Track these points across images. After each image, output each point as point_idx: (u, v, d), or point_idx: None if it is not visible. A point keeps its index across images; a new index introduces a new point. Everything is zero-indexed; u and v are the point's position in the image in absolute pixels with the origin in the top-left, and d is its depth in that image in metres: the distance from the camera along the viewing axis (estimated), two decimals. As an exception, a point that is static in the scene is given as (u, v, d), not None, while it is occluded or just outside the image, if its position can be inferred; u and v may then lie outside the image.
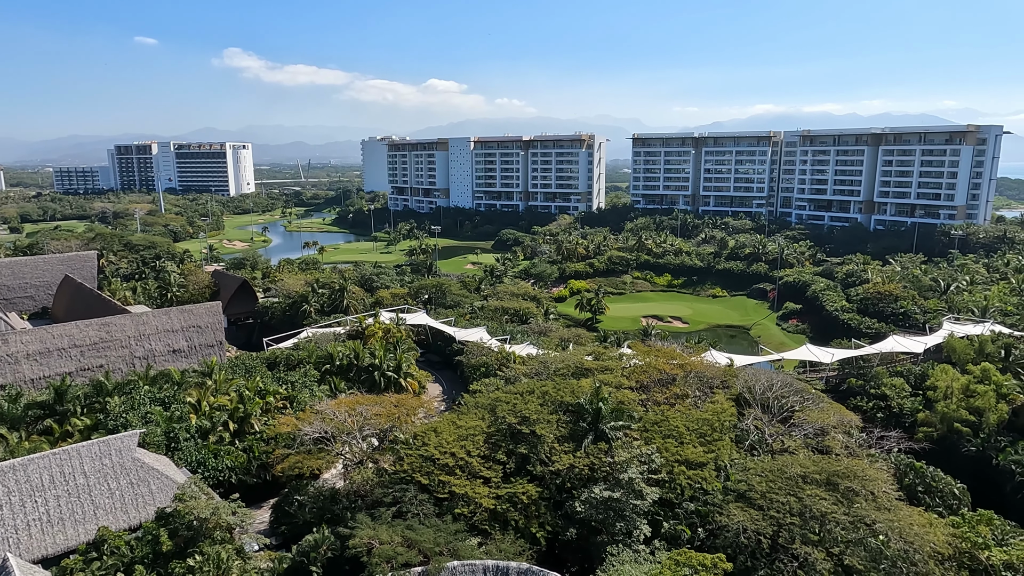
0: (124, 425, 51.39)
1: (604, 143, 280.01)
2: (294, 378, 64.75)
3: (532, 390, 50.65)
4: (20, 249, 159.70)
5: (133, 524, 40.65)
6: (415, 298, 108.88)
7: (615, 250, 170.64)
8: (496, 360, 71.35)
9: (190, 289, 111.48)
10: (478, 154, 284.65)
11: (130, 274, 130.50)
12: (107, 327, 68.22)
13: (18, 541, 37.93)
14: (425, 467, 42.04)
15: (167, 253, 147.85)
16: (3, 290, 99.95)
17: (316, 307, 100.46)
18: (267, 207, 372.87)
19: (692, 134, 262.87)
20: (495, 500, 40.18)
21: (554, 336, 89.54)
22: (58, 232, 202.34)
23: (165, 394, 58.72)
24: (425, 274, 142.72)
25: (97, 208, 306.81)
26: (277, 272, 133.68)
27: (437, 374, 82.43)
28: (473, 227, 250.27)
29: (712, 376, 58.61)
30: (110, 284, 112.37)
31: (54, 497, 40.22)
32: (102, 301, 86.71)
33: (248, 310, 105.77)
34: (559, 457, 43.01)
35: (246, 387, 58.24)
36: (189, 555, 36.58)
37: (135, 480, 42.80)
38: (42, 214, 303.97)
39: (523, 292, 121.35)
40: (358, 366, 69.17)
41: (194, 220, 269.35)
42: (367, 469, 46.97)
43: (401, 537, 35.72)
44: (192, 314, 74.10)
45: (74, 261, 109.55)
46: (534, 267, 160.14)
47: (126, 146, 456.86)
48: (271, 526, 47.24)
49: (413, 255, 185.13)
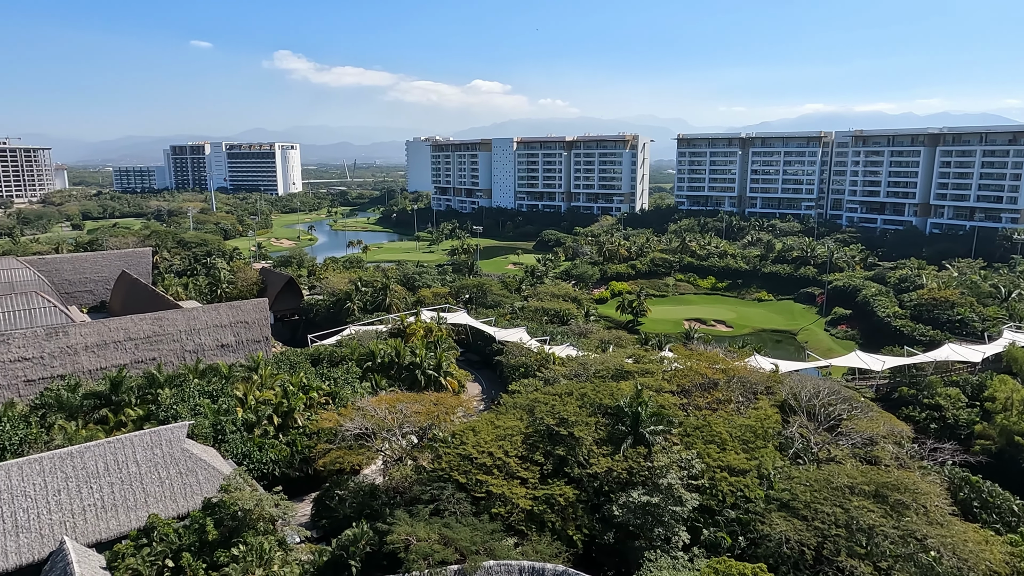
0: (174, 416, 53.09)
1: (648, 143, 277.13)
2: (337, 374, 65.86)
3: (571, 392, 50.38)
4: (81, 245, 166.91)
5: (181, 512, 41.93)
6: (456, 297, 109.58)
7: (658, 252, 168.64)
8: (535, 361, 71.24)
9: (239, 286, 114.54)
10: (520, 155, 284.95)
11: (182, 270, 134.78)
12: (160, 321, 70.58)
13: (74, 525, 39.52)
14: (463, 466, 42.21)
15: (218, 250, 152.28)
16: (65, 284, 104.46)
17: (359, 305, 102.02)
18: (314, 206, 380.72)
19: (739, 134, 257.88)
20: (532, 501, 40.09)
21: (594, 338, 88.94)
22: (116, 229, 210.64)
23: (213, 387, 60.47)
24: (466, 274, 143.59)
25: (153, 206, 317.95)
26: (322, 270, 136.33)
27: (476, 373, 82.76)
28: (515, 227, 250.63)
29: (756, 381, 57.35)
30: (164, 280, 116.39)
31: (108, 484, 41.79)
32: (156, 296, 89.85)
33: (294, 307, 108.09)
34: (597, 460, 42.66)
35: (290, 382, 59.51)
36: (233, 544, 37.56)
37: (184, 470, 44.16)
38: (102, 212, 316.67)
39: (564, 293, 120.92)
40: (399, 364, 69.95)
41: (244, 218, 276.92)
42: (406, 466, 47.46)
43: (438, 535, 35.94)
44: (240, 310, 76.07)
45: (130, 257, 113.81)
46: (575, 268, 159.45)
47: (181, 146, 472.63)
48: (312, 519, 48.15)
49: (455, 255, 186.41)
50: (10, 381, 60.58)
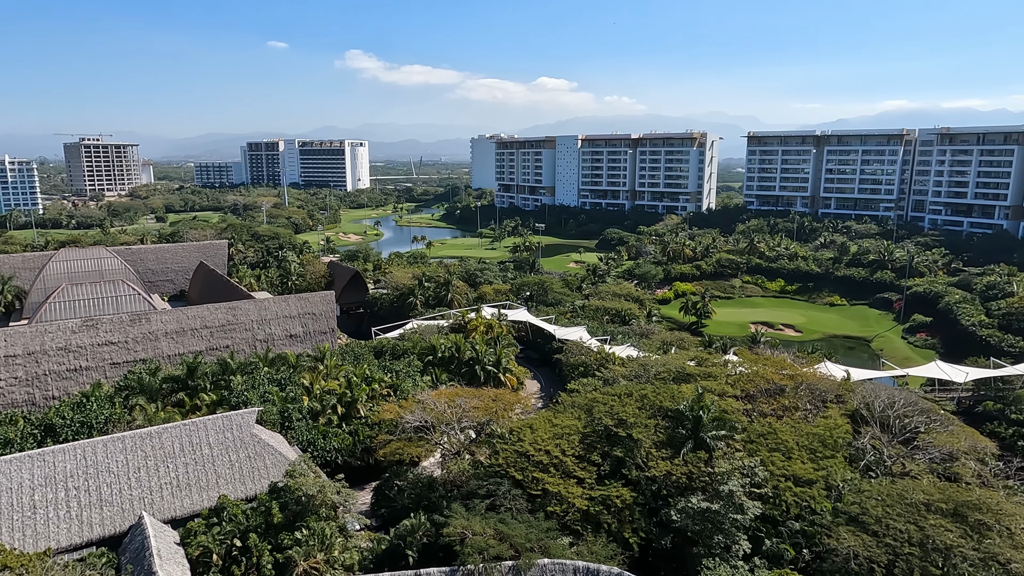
0: (245, 402, 55.33)
1: (716, 141, 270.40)
2: (399, 367, 67.13)
3: (631, 393, 49.72)
4: (164, 237, 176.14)
5: (249, 495, 43.66)
6: (517, 295, 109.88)
7: (724, 252, 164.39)
8: (595, 360, 70.67)
9: (308, 278, 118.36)
10: (585, 152, 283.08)
11: (255, 262, 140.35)
12: (234, 311, 73.67)
13: (152, 501, 41.75)
14: (520, 463, 42.28)
15: (289, 244, 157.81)
16: (148, 274, 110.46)
17: (422, 300, 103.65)
18: (380, 202, 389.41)
19: (814, 132, 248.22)
20: (588, 501, 39.80)
21: (656, 339, 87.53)
22: (196, 222, 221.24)
23: (281, 376, 62.70)
24: (528, 271, 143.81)
25: (229, 201, 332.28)
26: (387, 265, 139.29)
27: (535, 371, 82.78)
28: (577, 225, 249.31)
29: (826, 389, 55.11)
30: (238, 271, 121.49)
31: (183, 464, 43.95)
32: (230, 286, 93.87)
33: (359, 300, 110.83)
34: (656, 463, 41.96)
35: (354, 373, 61.05)
36: (297, 528, 38.85)
37: (252, 454, 45.97)
38: (183, 205, 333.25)
39: (626, 293, 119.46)
40: (459, 359, 70.69)
41: (314, 213, 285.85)
42: (463, 460, 47.93)
43: (493, 530, 36.15)
44: (308, 302, 78.56)
45: (208, 249, 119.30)
46: (638, 267, 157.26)
47: (256, 143, 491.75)
48: (372, 508, 49.27)
49: (517, 252, 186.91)
50: (97, 363, 64.48)
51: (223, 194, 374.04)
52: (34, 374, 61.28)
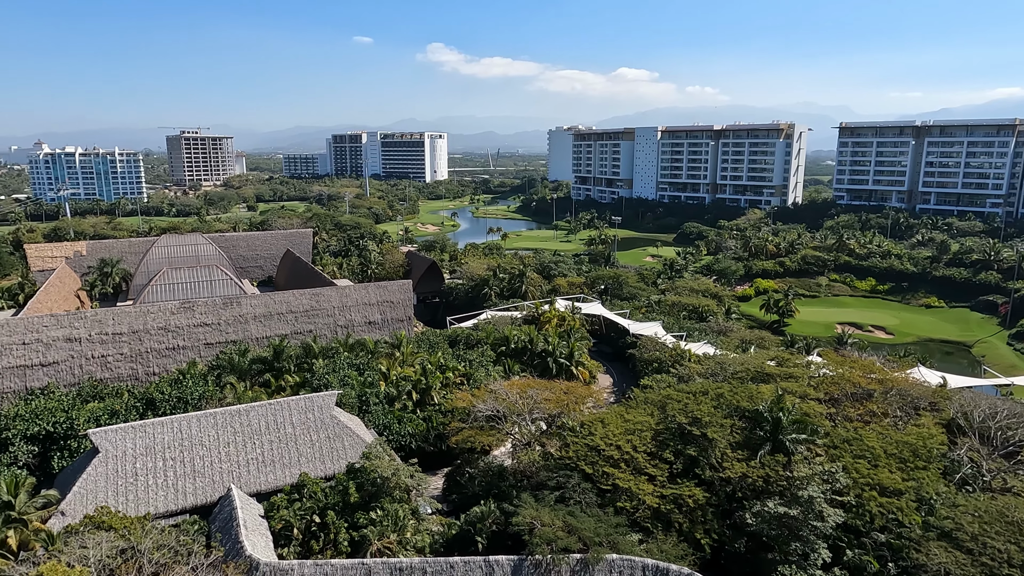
0: (326, 385, 57.61)
1: (805, 133, 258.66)
2: (472, 357, 68.09)
3: (706, 391, 48.53)
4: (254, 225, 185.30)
5: (328, 474, 45.50)
6: (591, 288, 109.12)
7: (810, 249, 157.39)
8: (670, 356, 69.38)
9: (386, 267, 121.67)
10: (664, 144, 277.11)
11: (338, 251, 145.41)
12: (317, 297, 76.67)
13: (239, 475, 44.20)
14: (590, 456, 42.11)
15: (369, 233, 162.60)
16: (239, 260, 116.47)
17: (496, 291, 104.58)
18: (457, 193, 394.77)
19: (913, 122, 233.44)
20: (659, 499, 39.19)
21: (734, 337, 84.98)
22: (283, 211, 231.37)
23: (360, 361, 64.85)
24: (603, 264, 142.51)
25: (315, 191, 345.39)
26: (463, 255, 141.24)
27: (608, 365, 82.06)
28: (655, 219, 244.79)
29: (919, 396, 51.95)
30: (321, 259, 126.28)
31: (268, 441, 46.26)
32: (314, 274, 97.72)
33: (435, 289, 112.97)
34: (731, 464, 40.81)
35: (429, 361, 62.39)
36: (372, 509, 40.20)
37: (331, 435, 47.84)
38: (272, 195, 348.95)
39: (704, 288, 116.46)
40: (532, 350, 70.97)
41: (393, 204, 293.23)
42: (534, 451, 48.18)
43: (562, 522, 36.20)
44: (387, 290, 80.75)
45: (294, 237, 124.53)
46: (717, 263, 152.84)
47: (341, 136, 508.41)
48: (443, 493, 50.32)
49: (592, 245, 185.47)
50: (193, 343, 68.66)
51: (309, 184, 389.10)
52: (137, 351, 65.90)
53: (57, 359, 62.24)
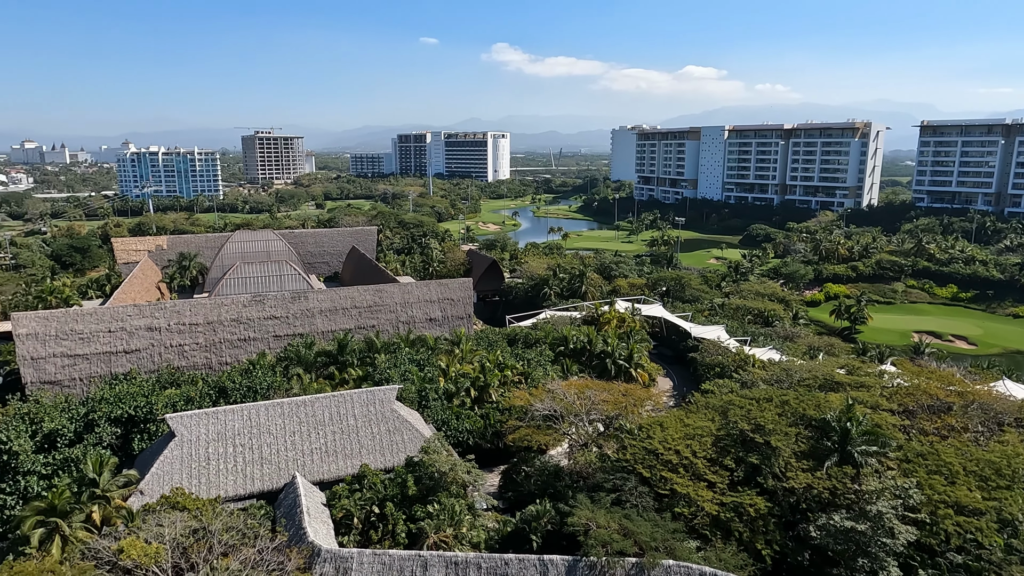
0: (387, 379, 58.89)
1: (882, 132, 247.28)
2: (530, 356, 68.26)
3: (770, 398, 47.15)
4: (322, 222, 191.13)
5: (387, 466, 46.52)
6: (652, 289, 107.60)
7: (886, 253, 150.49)
8: (733, 361, 67.71)
9: (448, 265, 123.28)
10: (732, 143, 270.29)
11: (401, 248, 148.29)
12: (380, 293, 78.44)
13: (303, 464, 45.73)
14: (648, 460, 41.58)
15: (431, 231, 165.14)
16: (307, 255, 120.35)
17: (556, 291, 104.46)
18: (519, 193, 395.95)
19: (1003, 120, 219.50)
20: (719, 507, 38.32)
21: (801, 343, 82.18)
22: (349, 209, 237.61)
23: (420, 357, 65.98)
24: (665, 266, 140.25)
25: (380, 189, 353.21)
26: (523, 255, 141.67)
27: (668, 368, 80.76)
28: (720, 220, 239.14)
29: (1003, 410, 48.94)
30: (385, 256, 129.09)
31: (331, 432, 47.68)
32: (378, 270, 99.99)
33: (495, 288, 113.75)
34: (795, 474, 39.52)
35: (488, 359, 62.89)
36: (429, 502, 40.89)
37: (391, 428, 48.89)
38: (340, 193, 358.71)
39: (770, 292, 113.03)
40: (591, 351, 70.59)
41: (456, 202, 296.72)
42: (591, 452, 47.94)
43: (618, 525, 35.88)
44: (447, 288, 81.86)
45: (359, 234, 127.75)
46: (785, 266, 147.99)
47: (406, 136, 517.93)
48: (499, 490, 50.66)
49: (654, 246, 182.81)
50: (263, 335, 71.40)
51: (374, 183, 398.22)
52: (212, 341, 69.04)
53: (139, 347, 65.89)
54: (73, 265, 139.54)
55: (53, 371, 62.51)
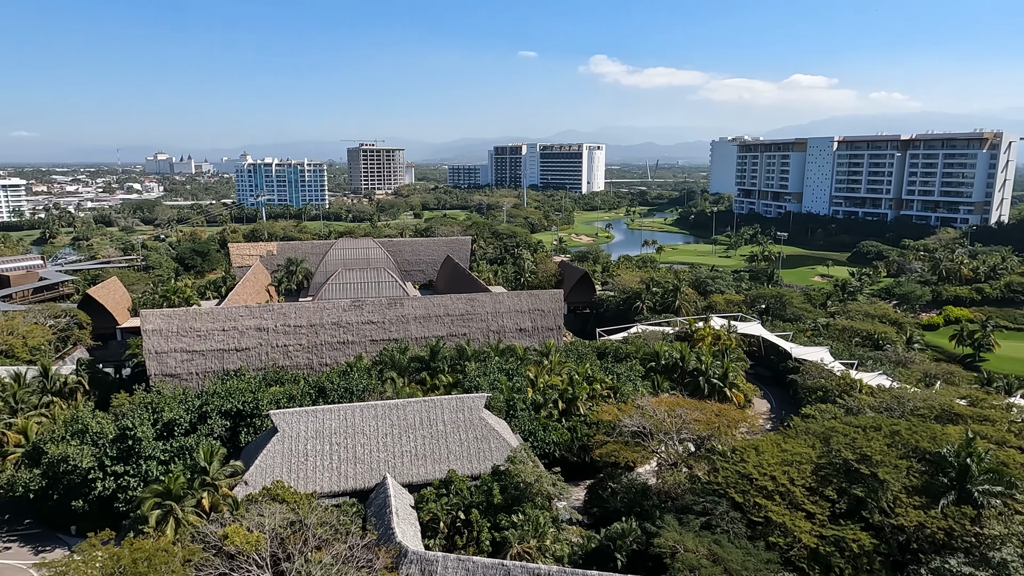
0: (476, 387, 59.75)
1: (1015, 142, 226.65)
2: (620, 370, 67.27)
3: (878, 426, 44.11)
4: (419, 232, 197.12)
5: (474, 473, 47.10)
6: (751, 306, 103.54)
7: (1017, 275, 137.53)
8: (837, 386, 63.92)
9: (539, 276, 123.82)
10: (841, 155, 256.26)
11: (494, 258, 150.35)
12: (472, 302, 79.86)
13: (394, 465, 47.10)
14: (741, 484, 39.89)
15: (524, 242, 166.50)
16: (404, 263, 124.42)
17: (648, 305, 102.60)
18: (613, 205, 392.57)
19: None
20: (818, 539, 36.15)
21: (916, 369, 76.44)
22: (445, 219, 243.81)
23: (510, 366, 66.50)
24: (764, 282, 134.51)
25: (475, 200, 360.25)
26: (615, 267, 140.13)
27: (765, 390, 77.31)
28: (826, 236, 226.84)
29: None
30: (478, 265, 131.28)
31: (421, 436, 48.87)
32: (471, 279, 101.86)
33: (586, 300, 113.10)
34: (905, 511, 36.69)
35: (576, 372, 62.52)
36: (514, 512, 41.02)
37: (479, 436, 49.50)
38: (436, 203, 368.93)
39: (881, 314, 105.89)
40: (683, 368, 68.73)
41: (549, 214, 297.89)
42: (680, 472, 46.58)
43: (707, 550, 34.60)
44: (538, 298, 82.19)
45: (454, 244, 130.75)
46: (899, 286, 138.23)
47: (502, 147, 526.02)
48: (584, 505, 50.12)
49: (753, 261, 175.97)
50: (360, 339, 74.34)
51: (470, 194, 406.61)
52: (313, 343, 72.61)
53: (248, 345, 70.27)
54: (194, 267, 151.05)
55: (173, 365, 67.74)
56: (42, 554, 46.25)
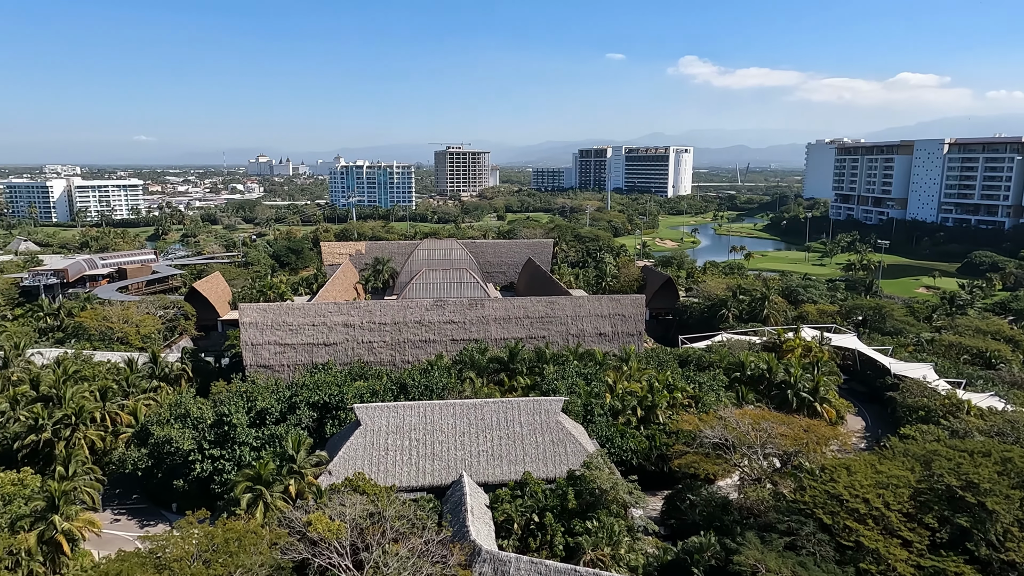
0: (554, 391, 59.61)
1: None
2: (702, 379, 65.41)
3: (988, 452, 40.72)
4: (501, 233, 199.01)
5: (549, 476, 46.98)
6: (846, 318, 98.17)
7: None
8: (942, 406, 59.56)
9: (621, 280, 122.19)
10: (952, 158, 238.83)
11: (575, 261, 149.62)
12: (552, 305, 79.77)
13: (470, 464, 47.68)
14: (830, 505, 37.81)
15: (607, 246, 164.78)
16: (486, 265, 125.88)
17: (734, 313, 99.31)
18: (700, 209, 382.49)
19: None
20: (916, 569, 33.76)
21: (1034, 391, 70.04)
22: (528, 221, 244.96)
23: (588, 371, 65.96)
24: (862, 293, 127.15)
25: (558, 203, 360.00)
26: (701, 274, 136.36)
27: (860, 406, 73.15)
28: (933, 244, 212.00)
29: None
30: (559, 268, 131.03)
31: (497, 437, 49.23)
32: (551, 282, 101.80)
33: (669, 306, 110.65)
34: (1016, 545, 33.69)
35: (657, 379, 61.25)
36: (588, 518, 40.60)
37: (555, 439, 49.34)
38: (519, 206, 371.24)
39: (994, 330, 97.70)
40: (769, 380, 66.04)
41: (633, 218, 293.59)
42: (763, 488, 44.74)
43: (791, 572, 33.02)
44: (619, 303, 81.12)
45: (536, 247, 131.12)
46: (1017, 300, 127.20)
47: (586, 150, 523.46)
48: (661, 515, 48.98)
49: (850, 270, 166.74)
50: (441, 338, 75.80)
51: (553, 197, 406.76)
52: (396, 340, 74.66)
53: (336, 340, 73.09)
54: (289, 264, 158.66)
55: (267, 356, 71.37)
56: (146, 528, 49.84)
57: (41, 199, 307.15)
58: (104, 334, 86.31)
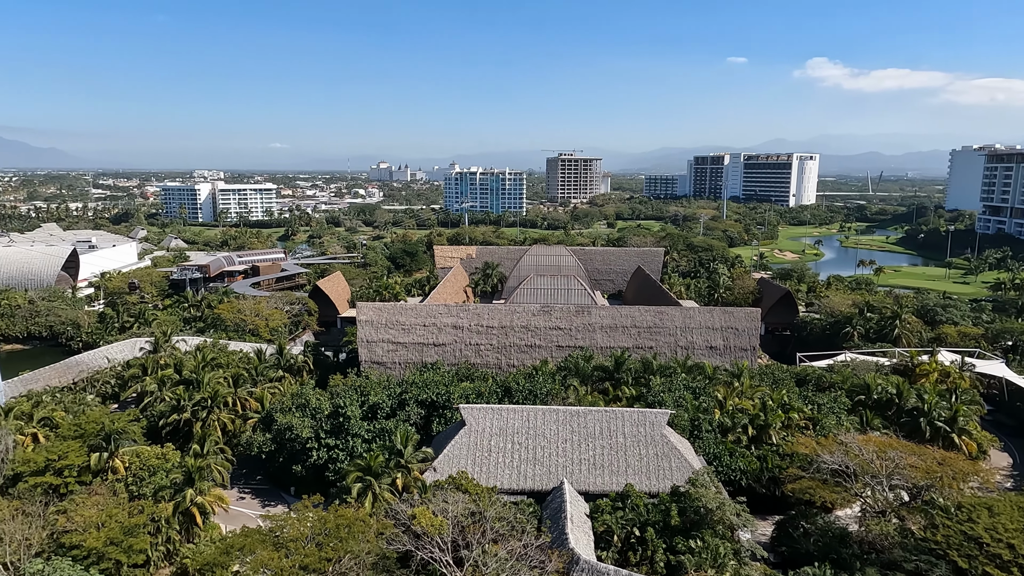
0: (659, 403, 58.14)
1: None
2: (822, 400, 61.54)
3: None
4: (611, 241, 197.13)
5: (651, 490, 45.83)
6: (992, 342, 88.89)
7: None
8: (1109, 446, 52.54)
9: (735, 292, 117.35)
10: None
11: (687, 271, 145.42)
12: (661, 315, 77.93)
13: (571, 472, 47.44)
14: (967, 548, 34.36)
15: (721, 256, 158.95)
16: (594, 272, 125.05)
17: (860, 331, 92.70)
18: (825, 220, 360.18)
19: None
20: (1070, 629, 29.96)
21: None
22: (638, 229, 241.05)
23: (696, 385, 63.80)
24: (1013, 315, 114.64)
25: (671, 211, 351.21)
26: (823, 288, 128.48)
27: (1007, 441, 66.06)
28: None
29: None
30: (669, 278, 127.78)
31: (599, 446, 48.67)
32: (661, 292, 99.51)
33: (787, 321, 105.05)
34: None
35: (771, 397, 58.26)
36: (692, 537, 39.24)
37: (659, 453, 48.09)
38: (631, 213, 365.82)
39: None
40: (899, 406, 61.00)
41: (750, 228, 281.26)
42: (889, 523, 41.35)
43: (918, 616, 30.29)
44: (732, 316, 77.92)
45: (646, 255, 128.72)
46: None
47: (702, 157, 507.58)
48: (771, 542, 46.47)
49: (999, 290, 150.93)
50: (547, 344, 76.04)
51: (666, 205, 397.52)
52: (502, 344, 75.73)
53: (445, 341, 75.21)
54: (403, 266, 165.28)
55: (381, 353, 74.64)
56: (267, 508, 53.54)
57: (190, 201, 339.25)
58: (238, 325, 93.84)
